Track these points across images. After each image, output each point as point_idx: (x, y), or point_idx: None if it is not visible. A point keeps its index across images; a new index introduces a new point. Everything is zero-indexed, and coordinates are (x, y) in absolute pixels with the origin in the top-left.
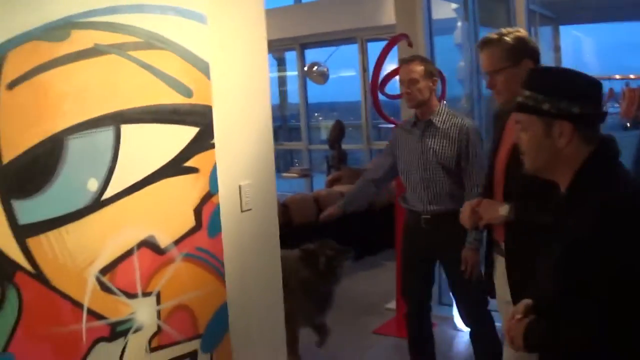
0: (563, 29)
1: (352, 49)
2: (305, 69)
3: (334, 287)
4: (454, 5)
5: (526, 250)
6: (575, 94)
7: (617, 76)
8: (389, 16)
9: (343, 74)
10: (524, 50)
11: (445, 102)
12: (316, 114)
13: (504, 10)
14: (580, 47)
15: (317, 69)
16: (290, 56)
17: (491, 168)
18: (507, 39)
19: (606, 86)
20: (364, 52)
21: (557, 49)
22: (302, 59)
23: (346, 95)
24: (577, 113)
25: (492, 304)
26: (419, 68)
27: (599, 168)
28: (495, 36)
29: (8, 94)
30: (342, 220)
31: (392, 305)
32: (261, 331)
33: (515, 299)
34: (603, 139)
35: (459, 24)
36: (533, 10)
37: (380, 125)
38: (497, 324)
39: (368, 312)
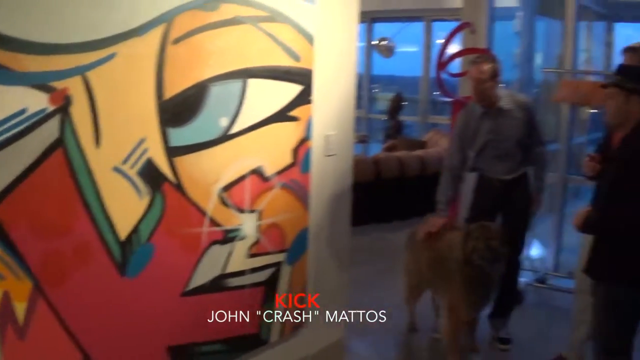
0: (617, 25)
1: (417, 27)
2: (375, 42)
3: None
4: None
5: None
6: None
7: None
8: (454, 0)
9: (405, 49)
10: None
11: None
12: (373, 85)
13: (559, 3)
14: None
15: (385, 43)
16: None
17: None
18: None
19: None
20: (428, 31)
21: (608, 44)
22: (370, 32)
23: (406, 70)
24: None
25: None
26: (486, 68)
27: None
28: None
29: (172, 48)
30: (399, 183)
31: None
32: (330, 254)
33: None
34: None
35: (519, 13)
36: (587, 6)
37: (442, 99)
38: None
39: None
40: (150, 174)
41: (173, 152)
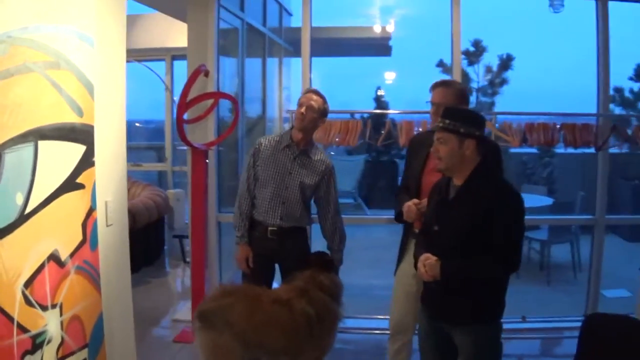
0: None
1: None
2: None
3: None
4: None
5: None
6: (478, 123)
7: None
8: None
9: None
10: (466, 96)
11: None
12: None
13: (261, 44)
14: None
15: None
16: None
17: (418, 178)
18: (457, 85)
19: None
20: None
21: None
22: None
23: None
24: (478, 135)
25: None
26: (320, 101)
27: (488, 169)
28: (449, 80)
29: None
30: None
31: (180, 316)
32: (122, 340)
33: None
34: (486, 153)
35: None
36: (279, 43)
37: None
38: None
39: (158, 325)
40: None
41: None
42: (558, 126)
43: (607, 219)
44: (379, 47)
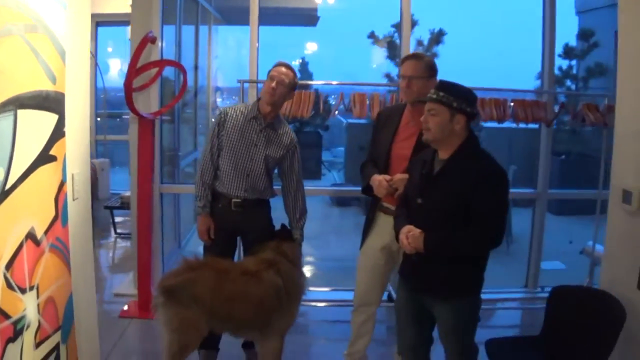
0: (233, 29)
1: None
2: None
3: None
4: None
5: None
6: (470, 100)
7: None
8: None
9: None
10: (436, 69)
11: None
12: None
13: (194, 11)
14: (240, 46)
15: None
16: None
17: (388, 150)
18: (427, 58)
19: None
20: None
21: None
22: None
23: None
24: (469, 111)
25: None
26: (291, 75)
27: (474, 145)
28: (419, 53)
29: None
30: None
31: (121, 290)
32: (86, 322)
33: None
34: (471, 129)
35: None
36: (210, 11)
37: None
38: None
39: (98, 300)
40: None
41: None
42: (510, 102)
43: (550, 194)
44: (306, 17)
